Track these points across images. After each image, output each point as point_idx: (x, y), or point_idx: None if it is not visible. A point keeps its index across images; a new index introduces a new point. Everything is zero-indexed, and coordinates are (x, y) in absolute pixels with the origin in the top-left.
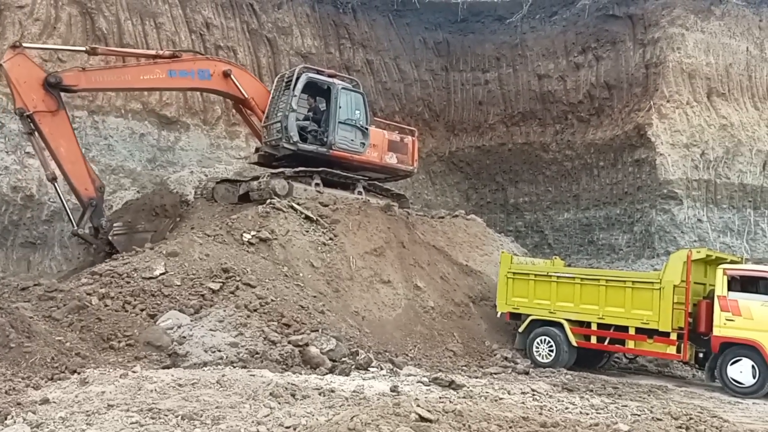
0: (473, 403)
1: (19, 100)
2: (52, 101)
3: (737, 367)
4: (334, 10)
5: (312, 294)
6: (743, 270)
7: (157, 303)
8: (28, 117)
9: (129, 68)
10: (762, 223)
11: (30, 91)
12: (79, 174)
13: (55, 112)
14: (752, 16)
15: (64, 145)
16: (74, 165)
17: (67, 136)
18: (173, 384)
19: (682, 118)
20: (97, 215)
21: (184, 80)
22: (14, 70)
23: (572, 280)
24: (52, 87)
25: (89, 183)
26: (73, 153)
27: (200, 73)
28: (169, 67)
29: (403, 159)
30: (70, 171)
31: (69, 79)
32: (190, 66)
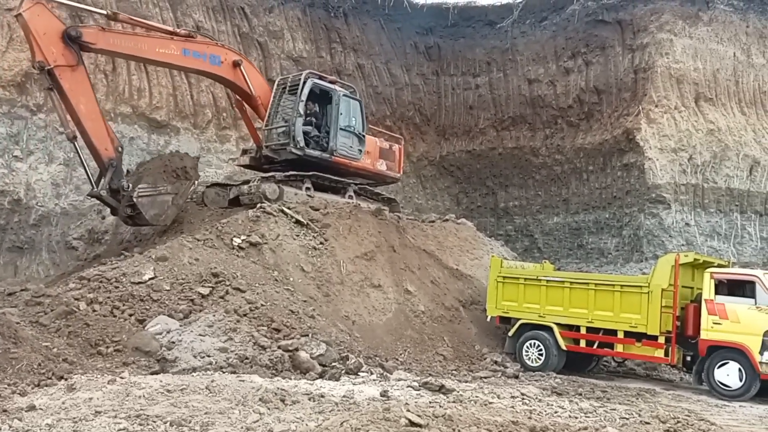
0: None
1: (39, 53)
2: (72, 55)
3: (724, 370)
4: (325, 14)
5: (302, 299)
6: (730, 274)
7: (146, 308)
8: (48, 72)
9: (146, 38)
10: (748, 227)
11: (50, 44)
12: (98, 132)
13: (74, 67)
14: (739, 22)
15: (84, 102)
16: (94, 123)
17: (87, 93)
18: (162, 390)
19: (671, 123)
20: (117, 176)
21: (196, 62)
22: (33, 21)
23: (561, 284)
24: (72, 41)
25: (108, 142)
26: (93, 111)
27: (212, 57)
28: (184, 46)
29: (391, 166)
30: (90, 129)
31: (88, 35)
32: (204, 49)
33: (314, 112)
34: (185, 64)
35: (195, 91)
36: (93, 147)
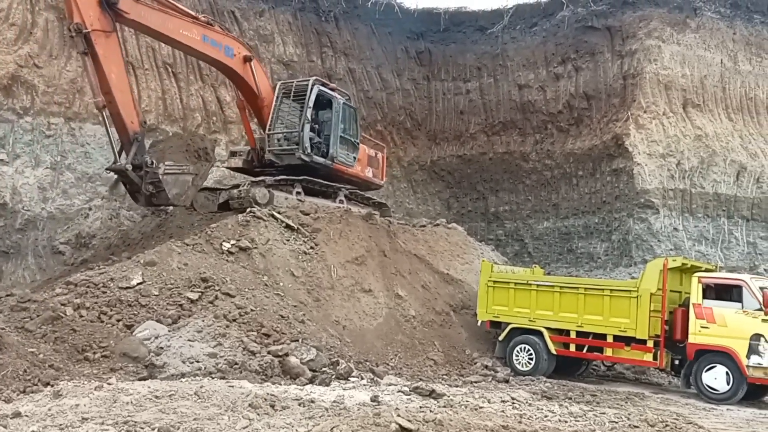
0: (453, 412)
1: (78, 14)
2: (107, 21)
3: (712, 373)
4: (316, 18)
5: (292, 303)
6: (717, 278)
7: (134, 313)
8: (85, 35)
9: (174, 18)
10: (735, 232)
11: (88, 7)
12: (127, 104)
13: (109, 34)
14: (726, 29)
15: (116, 72)
16: (123, 94)
17: (119, 62)
18: (150, 396)
19: (659, 129)
20: (140, 151)
21: (213, 50)
22: None
23: (551, 289)
24: (108, 7)
25: (135, 116)
26: (123, 81)
27: (227, 49)
28: (204, 32)
29: (376, 173)
30: (119, 100)
31: (124, 3)
32: (221, 39)
33: (313, 118)
34: (203, 50)
35: (184, 95)
36: (120, 119)
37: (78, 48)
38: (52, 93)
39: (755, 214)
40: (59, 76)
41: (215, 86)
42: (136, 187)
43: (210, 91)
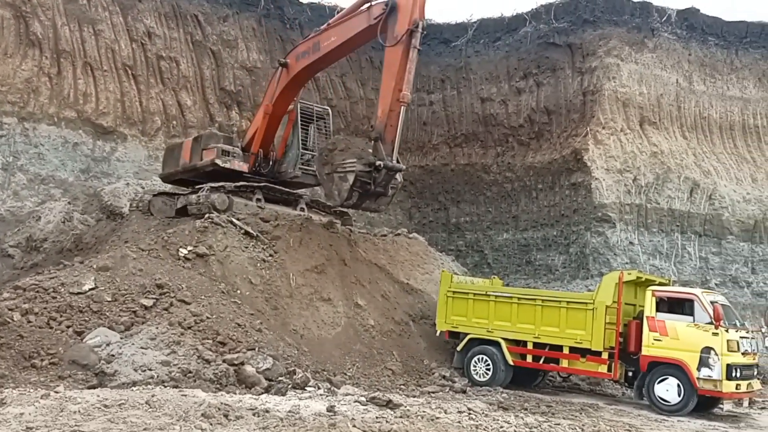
0: (410, 423)
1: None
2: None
3: (664, 385)
4: (281, 25)
5: (249, 311)
6: (670, 292)
7: (85, 320)
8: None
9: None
10: (688, 247)
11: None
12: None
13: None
14: (682, 50)
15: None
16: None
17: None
18: (98, 405)
19: (617, 145)
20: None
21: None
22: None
23: (509, 300)
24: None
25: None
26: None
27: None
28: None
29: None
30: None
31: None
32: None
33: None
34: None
35: (144, 97)
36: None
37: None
38: (6, 92)
39: (707, 230)
40: (13, 74)
41: (176, 90)
42: (373, 189)
43: (171, 95)
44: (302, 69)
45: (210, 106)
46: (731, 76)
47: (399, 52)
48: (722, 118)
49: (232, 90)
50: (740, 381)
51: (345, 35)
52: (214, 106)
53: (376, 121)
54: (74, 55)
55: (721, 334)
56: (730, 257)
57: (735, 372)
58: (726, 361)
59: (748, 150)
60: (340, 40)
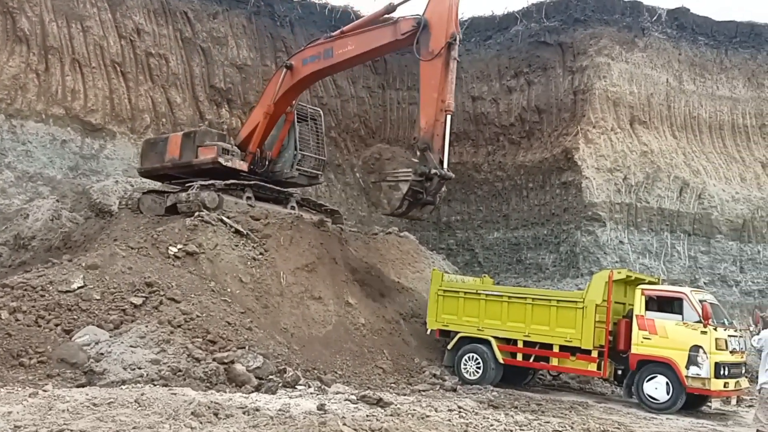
0: (400, 421)
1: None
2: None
3: (653, 383)
4: (271, 23)
5: (240, 310)
6: (660, 291)
7: (74, 318)
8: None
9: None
10: (678, 246)
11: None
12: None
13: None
14: (672, 49)
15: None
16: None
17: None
18: (87, 403)
19: (607, 144)
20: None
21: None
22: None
23: (500, 299)
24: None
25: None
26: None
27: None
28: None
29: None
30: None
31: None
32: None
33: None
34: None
35: (133, 94)
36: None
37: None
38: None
39: (696, 229)
40: (0, 71)
41: (165, 87)
42: (430, 196)
43: (160, 92)
44: (310, 74)
45: (200, 104)
46: (721, 76)
47: (438, 65)
48: (712, 118)
49: (222, 87)
50: (728, 379)
51: (366, 46)
52: (203, 104)
53: (419, 133)
54: (62, 51)
55: (710, 333)
56: (719, 256)
57: (723, 370)
58: (714, 360)
59: (737, 150)
60: (359, 50)
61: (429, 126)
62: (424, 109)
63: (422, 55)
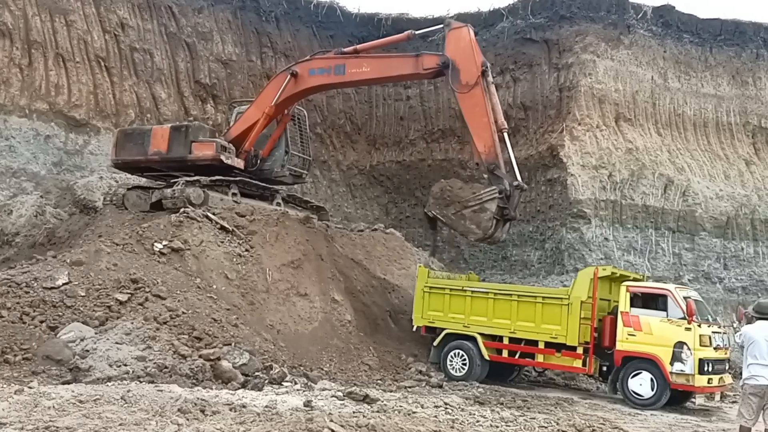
0: (386, 418)
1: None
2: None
3: (637, 380)
4: (256, 18)
5: (226, 307)
6: (644, 287)
7: (59, 314)
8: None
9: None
10: (662, 243)
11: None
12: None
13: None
14: (657, 47)
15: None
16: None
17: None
18: (73, 400)
19: (592, 141)
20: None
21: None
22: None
23: (486, 295)
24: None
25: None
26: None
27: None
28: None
29: None
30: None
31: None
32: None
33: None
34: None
35: (117, 90)
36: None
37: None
38: None
39: (680, 226)
40: None
41: (150, 82)
42: (507, 215)
43: (144, 87)
44: (316, 86)
45: (185, 99)
46: (705, 74)
47: (477, 93)
48: (696, 116)
49: (207, 83)
50: (712, 375)
51: (383, 72)
52: (189, 99)
53: (481, 157)
54: (45, 46)
55: (694, 329)
56: (703, 253)
57: (707, 366)
58: (698, 356)
59: (722, 147)
60: (375, 74)
61: (488, 148)
62: (479, 135)
63: (458, 89)
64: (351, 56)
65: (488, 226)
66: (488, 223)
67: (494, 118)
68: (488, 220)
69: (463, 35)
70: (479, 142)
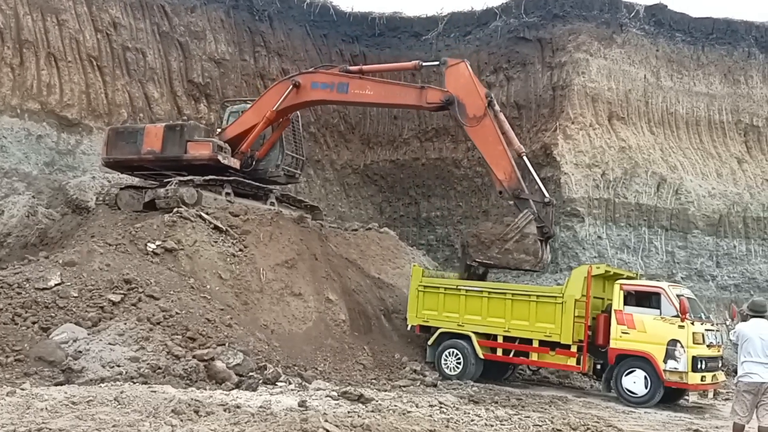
0: (381, 417)
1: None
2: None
3: (631, 377)
4: (249, 17)
5: (219, 307)
6: (638, 285)
7: (51, 315)
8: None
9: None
10: (655, 241)
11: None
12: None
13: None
14: (650, 46)
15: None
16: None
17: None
18: (66, 402)
19: (585, 140)
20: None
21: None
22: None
23: (480, 294)
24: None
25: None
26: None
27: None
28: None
29: None
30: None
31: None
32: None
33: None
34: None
35: (110, 89)
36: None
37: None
38: None
39: (673, 224)
40: None
41: (143, 82)
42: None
43: (137, 87)
44: (318, 99)
45: (177, 99)
46: (698, 72)
47: (487, 123)
48: (689, 114)
49: (200, 82)
50: (705, 373)
51: (386, 98)
52: (181, 99)
53: (503, 185)
54: (37, 45)
55: (687, 327)
56: (696, 251)
57: (700, 364)
58: (692, 354)
59: (714, 145)
60: (377, 99)
61: (509, 174)
62: (497, 163)
63: (467, 123)
64: (355, 76)
65: (537, 248)
66: (535, 245)
67: (510, 143)
68: (534, 243)
69: (461, 71)
70: (498, 171)
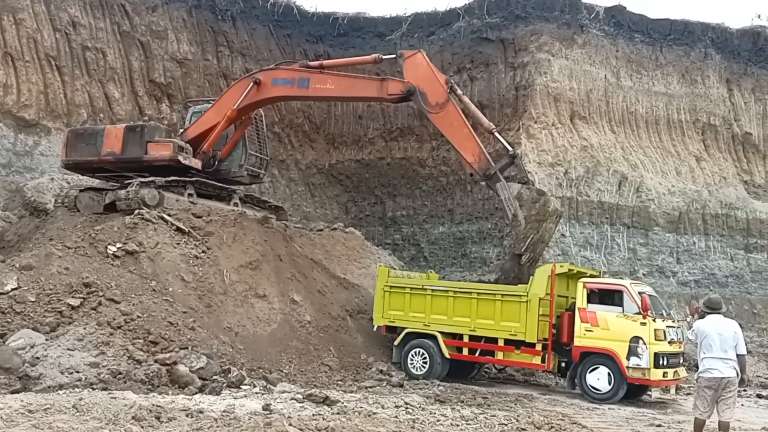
0: (347, 419)
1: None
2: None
3: (595, 374)
4: (212, 17)
5: (182, 310)
6: (601, 284)
7: (7, 321)
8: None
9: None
10: (617, 239)
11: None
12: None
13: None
14: (610, 46)
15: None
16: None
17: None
18: (22, 410)
19: (548, 139)
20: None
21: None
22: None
23: (445, 293)
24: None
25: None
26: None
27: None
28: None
29: None
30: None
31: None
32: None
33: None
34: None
35: (69, 89)
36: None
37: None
38: None
39: (635, 221)
40: None
41: (103, 82)
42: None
43: (97, 87)
44: (278, 96)
45: (139, 99)
46: (656, 72)
47: (451, 110)
48: (648, 113)
49: (162, 82)
50: (667, 369)
51: (347, 92)
52: (143, 99)
53: (475, 166)
54: None
55: (649, 324)
56: (657, 248)
57: (662, 360)
58: (654, 350)
59: (673, 144)
60: (338, 92)
61: (477, 155)
62: (465, 146)
63: (431, 110)
64: (316, 71)
65: (540, 199)
66: (541, 196)
67: (480, 123)
68: (537, 197)
69: (419, 61)
70: (467, 154)
